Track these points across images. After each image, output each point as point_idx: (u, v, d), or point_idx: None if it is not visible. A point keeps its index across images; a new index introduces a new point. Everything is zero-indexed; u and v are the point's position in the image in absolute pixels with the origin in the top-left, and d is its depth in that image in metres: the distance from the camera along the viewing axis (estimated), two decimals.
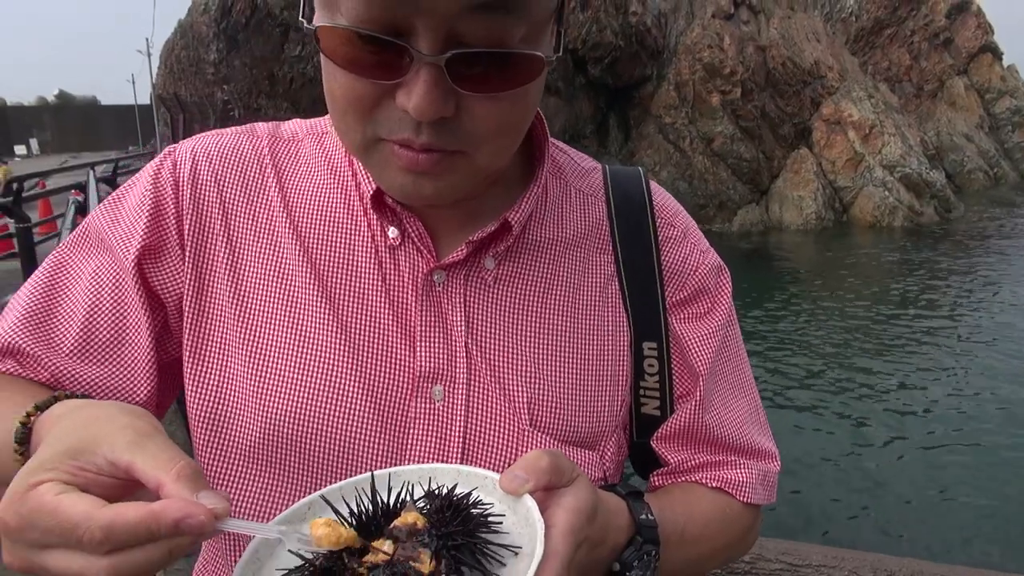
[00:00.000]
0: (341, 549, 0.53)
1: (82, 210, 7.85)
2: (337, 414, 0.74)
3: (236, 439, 0.75)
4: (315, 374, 0.74)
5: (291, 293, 0.77)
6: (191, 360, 0.77)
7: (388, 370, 0.75)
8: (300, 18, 0.67)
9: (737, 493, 0.85)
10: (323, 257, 0.79)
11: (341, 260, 0.79)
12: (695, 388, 0.85)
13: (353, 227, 0.80)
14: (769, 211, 21.94)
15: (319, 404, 0.74)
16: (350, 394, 0.74)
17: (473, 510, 0.57)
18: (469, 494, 0.59)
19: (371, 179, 0.77)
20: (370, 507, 0.58)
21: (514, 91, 0.64)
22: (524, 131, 0.73)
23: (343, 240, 0.79)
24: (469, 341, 0.77)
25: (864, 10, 28.43)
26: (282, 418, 0.74)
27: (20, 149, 64.86)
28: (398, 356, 0.76)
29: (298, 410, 0.74)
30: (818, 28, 23.90)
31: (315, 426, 0.73)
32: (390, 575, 0.50)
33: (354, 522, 0.57)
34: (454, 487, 0.60)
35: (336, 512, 0.58)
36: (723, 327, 0.87)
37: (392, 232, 0.78)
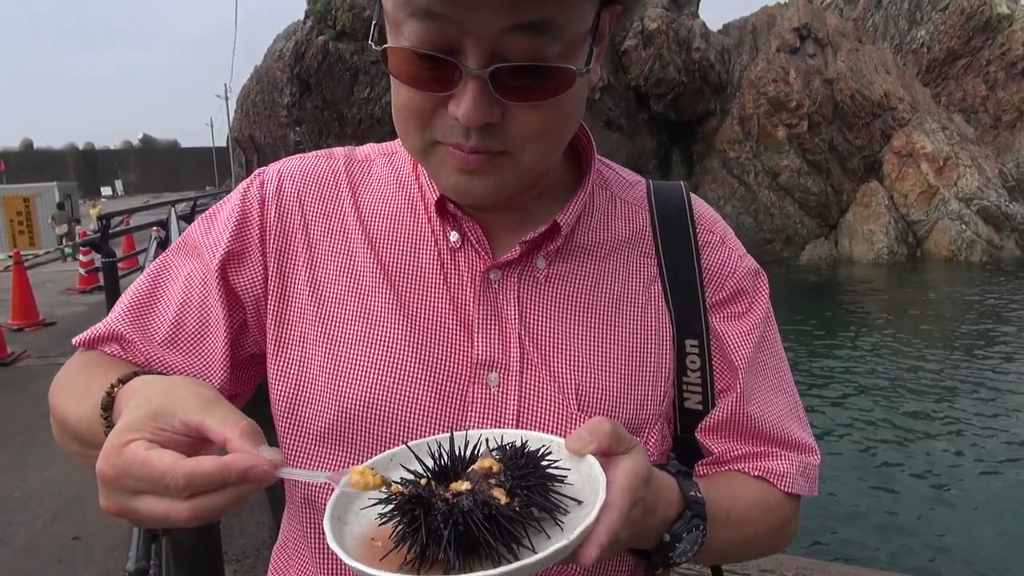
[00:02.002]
0: (428, 481, 0.60)
1: (163, 245, 8.16)
2: (402, 399, 0.81)
3: (312, 421, 0.84)
4: (383, 363, 0.82)
5: (362, 292, 0.86)
6: (274, 352, 0.87)
7: (448, 359, 0.83)
8: (369, 41, 0.77)
9: (778, 483, 0.88)
10: (391, 259, 0.87)
11: (407, 261, 0.87)
12: (735, 383, 0.89)
13: (418, 232, 0.88)
14: (839, 245, 21.40)
15: (387, 390, 0.81)
16: (414, 381, 0.82)
17: (543, 461, 0.63)
18: (538, 449, 0.65)
19: (435, 189, 0.85)
20: (448, 460, 0.64)
21: (550, 100, 0.73)
22: (565, 137, 0.81)
23: (409, 244, 0.88)
24: (522, 332, 0.84)
25: (936, 41, 27.73)
26: (353, 402, 0.82)
27: (106, 190, 67.32)
28: (457, 346, 0.83)
29: (368, 395, 0.81)
30: (888, 60, 23.44)
31: (383, 409, 0.81)
32: (471, 501, 0.57)
33: (435, 467, 0.63)
34: (525, 442, 0.66)
35: (419, 460, 0.65)
36: (761, 325, 0.92)
37: (453, 236, 0.87)
